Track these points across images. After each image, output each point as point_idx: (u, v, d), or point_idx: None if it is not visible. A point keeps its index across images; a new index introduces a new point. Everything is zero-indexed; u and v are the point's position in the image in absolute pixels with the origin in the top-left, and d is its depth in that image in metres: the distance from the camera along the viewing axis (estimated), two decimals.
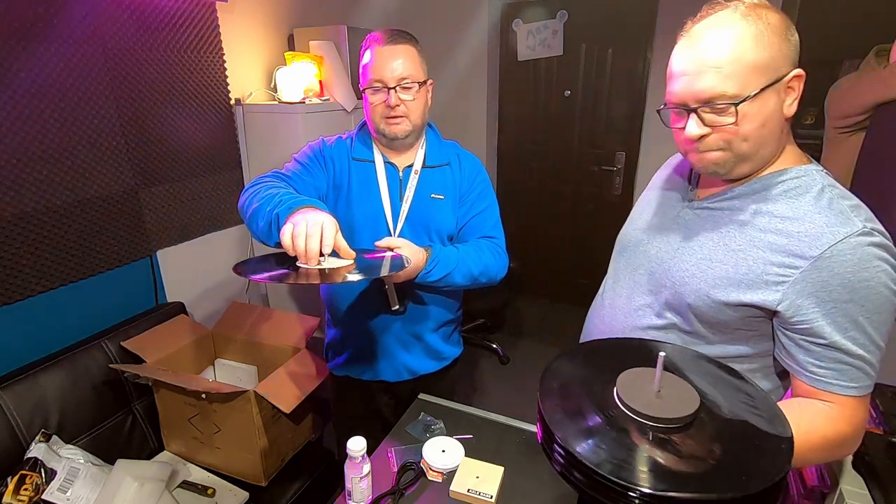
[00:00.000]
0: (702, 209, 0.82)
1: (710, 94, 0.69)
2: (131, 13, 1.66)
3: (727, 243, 0.76)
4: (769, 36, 0.68)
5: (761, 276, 0.72)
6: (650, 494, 0.48)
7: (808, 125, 2.65)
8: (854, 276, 0.67)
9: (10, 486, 1.20)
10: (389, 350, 1.32)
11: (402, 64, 1.15)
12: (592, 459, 0.51)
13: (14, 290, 1.45)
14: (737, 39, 0.68)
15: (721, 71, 0.68)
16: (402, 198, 1.24)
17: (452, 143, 1.34)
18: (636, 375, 0.60)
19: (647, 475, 0.50)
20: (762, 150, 0.74)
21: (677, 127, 0.77)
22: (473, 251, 1.23)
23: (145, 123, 1.76)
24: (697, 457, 0.52)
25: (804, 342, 0.72)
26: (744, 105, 0.68)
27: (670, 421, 0.54)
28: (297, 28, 2.31)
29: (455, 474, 1.06)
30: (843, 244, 0.67)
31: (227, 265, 2.20)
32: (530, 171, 3.36)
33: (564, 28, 2.93)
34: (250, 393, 1.41)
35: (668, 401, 0.56)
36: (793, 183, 0.74)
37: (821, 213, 0.70)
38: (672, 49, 0.77)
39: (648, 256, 0.89)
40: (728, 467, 0.50)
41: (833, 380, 0.71)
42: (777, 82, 0.69)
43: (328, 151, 1.26)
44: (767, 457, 0.51)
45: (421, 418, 1.26)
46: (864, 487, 0.99)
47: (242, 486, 1.50)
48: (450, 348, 1.41)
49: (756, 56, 0.68)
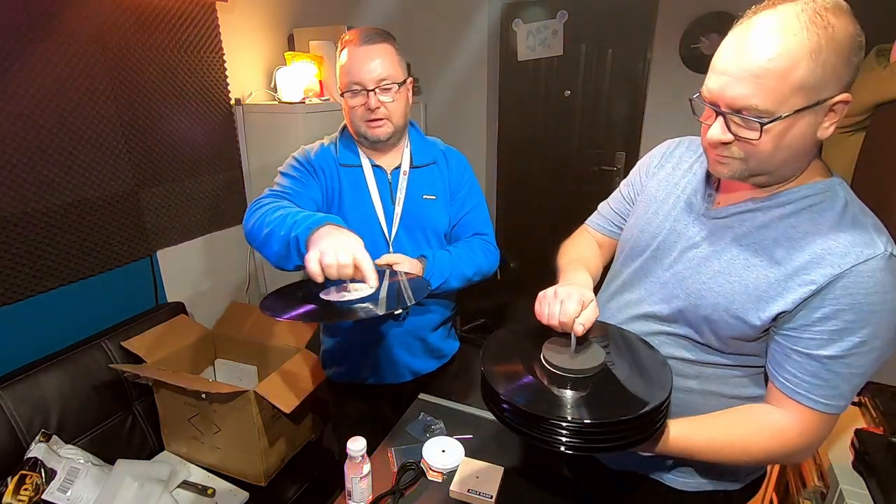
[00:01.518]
0: (720, 219, 0.79)
1: (742, 105, 0.64)
2: (131, 13, 1.66)
3: (747, 258, 0.74)
4: (827, 54, 0.60)
5: (781, 293, 0.70)
6: (566, 423, 0.66)
7: None
8: (866, 300, 0.65)
9: (10, 486, 1.20)
10: (392, 354, 1.31)
11: (380, 64, 1.11)
12: (520, 401, 0.69)
13: (14, 290, 1.46)
14: (790, 51, 0.60)
15: (761, 83, 0.62)
16: (393, 200, 1.23)
17: (435, 140, 1.34)
18: (559, 342, 0.79)
19: (561, 409, 0.68)
20: (782, 170, 0.70)
21: (706, 123, 0.72)
22: (466, 253, 1.24)
23: (145, 123, 1.76)
24: (599, 399, 0.70)
25: (791, 350, 0.71)
26: (773, 124, 0.63)
27: (578, 372, 0.72)
28: (297, 28, 2.31)
29: (455, 474, 1.06)
30: (865, 266, 0.65)
31: (227, 265, 2.20)
32: (530, 171, 3.36)
33: (564, 28, 2.93)
34: (250, 393, 1.41)
35: (580, 359, 0.75)
36: (817, 198, 0.71)
37: (844, 232, 0.68)
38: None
39: (663, 265, 0.85)
40: (614, 405, 0.69)
41: (805, 391, 0.70)
42: (818, 104, 0.62)
43: (315, 161, 1.21)
44: (639, 402, 0.68)
45: (421, 418, 1.26)
46: (864, 487, 0.99)
47: (242, 486, 1.50)
48: (448, 345, 1.42)
49: (804, 76, 0.60)
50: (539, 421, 0.67)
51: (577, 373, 0.73)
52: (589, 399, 0.70)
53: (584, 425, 0.66)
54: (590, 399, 0.70)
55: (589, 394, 0.71)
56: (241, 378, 1.79)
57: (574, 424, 0.66)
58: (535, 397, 0.71)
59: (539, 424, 0.67)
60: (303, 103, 2.03)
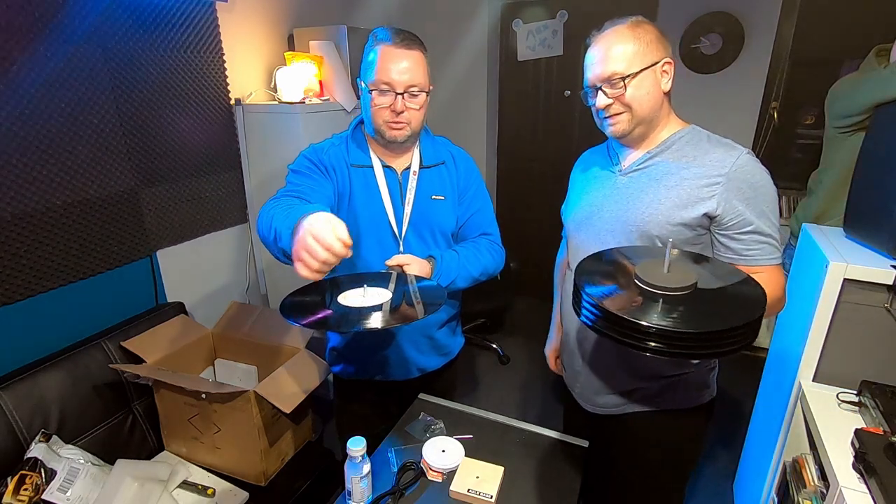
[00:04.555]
0: (632, 172, 1.08)
1: (609, 74, 0.99)
2: (131, 13, 1.66)
3: (665, 184, 1.02)
4: (644, 35, 0.99)
5: (698, 195, 0.98)
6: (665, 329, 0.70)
7: (808, 125, 2.65)
8: (752, 179, 0.97)
9: (10, 486, 1.20)
10: (401, 351, 1.32)
11: (412, 70, 1.13)
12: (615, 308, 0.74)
13: (14, 290, 1.46)
14: (624, 39, 0.99)
15: (616, 58, 0.99)
16: (403, 201, 1.23)
17: (444, 140, 1.35)
18: (647, 264, 0.83)
19: (659, 318, 0.72)
20: (650, 115, 1.02)
21: (590, 105, 1.08)
22: (473, 254, 1.25)
23: (145, 123, 1.76)
24: (700, 311, 0.74)
25: (737, 235, 0.98)
26: (630, 80, 0.99)
27: (678, 290, 0.76)
28: (297, 28, 2.31)
29: (455, 474, 1.06)
30: (740, 161, 0.97)
31: (227, 265, 2.20)
32: (530, 171, 3.36)
33: (564, 28, 2.94)
34: (250, 393, 1.41)
35: (674, 276, 0.79)
36: (688, 137, 1.04)
37: (717, 148, 1.01)
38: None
39: (604, 219, 1.09)
40: (717, 317, 0.73)
41: (760, 256, 0.99)
42: (653, 66, 0.99)
43: (326, 158, 1.21)
44: (747, 306, 0.76)
45: (421, 418, 1.26)
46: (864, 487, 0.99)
47: (242, 486, 1.50)
48: (454, 342, 1.43)
49: (635, 48, 0.99)
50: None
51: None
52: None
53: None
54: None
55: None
56: (241, 378, 1.79)
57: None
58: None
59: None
60: (303, 103, 2.03)
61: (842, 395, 1.25)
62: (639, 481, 1.20)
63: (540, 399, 2.61)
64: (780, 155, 2.70)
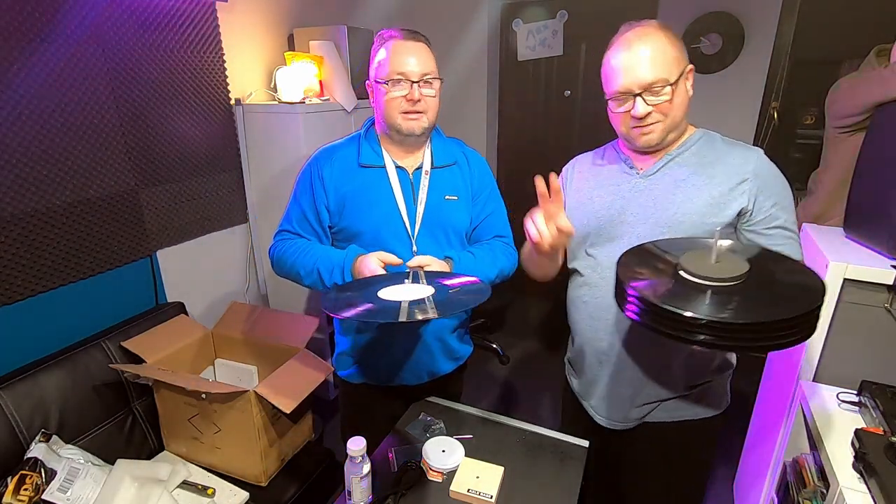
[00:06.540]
0: (653, 175, 1.06)
1: (652, 80, 0.96)
2: (131, 13, 1.66)
3: (694, 184, 1.02)
4: (676, 39, 1.00)
5: (728, 193, 0.99)
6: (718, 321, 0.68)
7: (808, 125, 2.65)
8: (774, 178, 1.00)
9: (10, 486, 1.19)
10: (413, 356, 1.31)
11: (424, 60, 1.15)
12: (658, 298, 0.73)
13: (14, 290, 1.45)
14: (664, 42, 0.98)
15: (660, 63, 0.96)
16: (415, 200, 1.23)
17: (456, 141, 1.34)
18: (690, 255, 0.82)
19: (708, 309, 0.70)
20: (681, 123, 1.03)
21: (619, 112, 1.02)
22: (489, 256, 1.25)
23: (145, 123, 1.76)
24: (751, 300, 0.73)
25: (765, 230, 0.99)
26: (675, 86, 0.97)
27: (727, 280, 0.75)
28: (297, 28, 2.31)
29: (455, 474, 1.06)
30: (760, 160, 1.00)
31: (227, 265, 2.20)
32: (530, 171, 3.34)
33: (564, 28, 2.93)
34: (250, 393, 1.41)
35: (725, 266, 0.78)
36: (703, 140, 1.06)
37: (733, 148, 1.03)
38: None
39: (627, 223, 1.07)
40: (773, 307, 0.71)
41: (788, 251, 0.98)
42: (686, 71, 0.99)
43: (325, 171, 1.22)
44: (804, 297, 0.73)
45: (421, 418, 1.26)
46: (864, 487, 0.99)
47: (242, 486, 1.50)
48: (464, 347, 1.42)
49: (675, 53, 0.98)
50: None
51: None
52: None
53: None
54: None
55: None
56: (241, 378, 1.79)
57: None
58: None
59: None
60: (303, 103, 2.03)
61: (842, 395, 1.25)
62: (654, 495, 1.21)
63: (540, 399, 2.61)
64: (780, 155, 2.70)
